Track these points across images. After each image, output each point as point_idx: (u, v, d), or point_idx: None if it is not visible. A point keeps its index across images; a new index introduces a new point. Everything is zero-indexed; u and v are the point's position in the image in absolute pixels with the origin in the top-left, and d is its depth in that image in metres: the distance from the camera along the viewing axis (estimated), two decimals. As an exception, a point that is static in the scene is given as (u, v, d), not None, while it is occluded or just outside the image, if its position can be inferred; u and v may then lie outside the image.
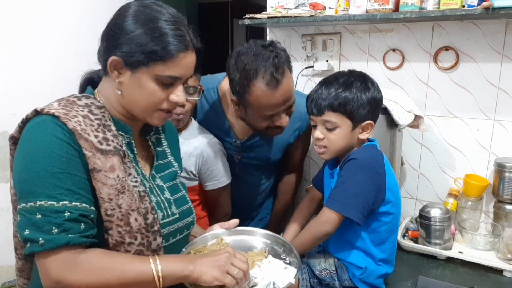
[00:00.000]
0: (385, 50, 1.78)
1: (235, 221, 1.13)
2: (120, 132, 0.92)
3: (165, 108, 0.91)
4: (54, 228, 0.77)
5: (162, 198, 0.99)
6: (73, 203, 0.79)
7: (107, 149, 0.85)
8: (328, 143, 1.19)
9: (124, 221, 0.85)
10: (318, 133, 1.19)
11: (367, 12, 1.61)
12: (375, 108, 1.19)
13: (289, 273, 0.99)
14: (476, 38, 1.60)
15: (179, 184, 1.09)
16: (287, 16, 1.73)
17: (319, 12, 1.73)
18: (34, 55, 1.67)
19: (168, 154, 1.09)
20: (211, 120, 1.53)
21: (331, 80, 1.19)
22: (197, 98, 1.29)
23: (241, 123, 1.49)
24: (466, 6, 1.45)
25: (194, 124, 1.50)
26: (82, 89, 1.01)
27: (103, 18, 2.08)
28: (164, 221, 0.96)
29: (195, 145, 1.44)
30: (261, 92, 1.23)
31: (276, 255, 1.06)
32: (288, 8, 1.79)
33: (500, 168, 1.55)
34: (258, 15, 1.79)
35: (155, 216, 0.91)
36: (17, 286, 1.03)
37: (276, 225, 1.76)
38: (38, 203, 0.77)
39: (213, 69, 1.71)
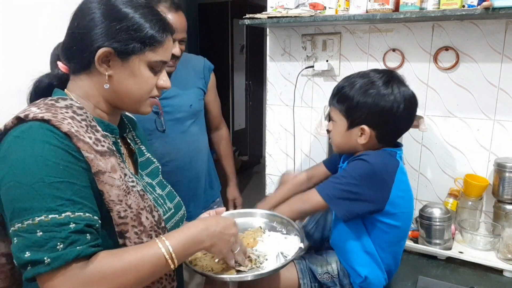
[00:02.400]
0: (385, 50, 1.78)
1: (223, 209, 1.16)
2: (105, 132, 0.88)
3: (155, 95, 0.92)
4: (59, 243, 0.69)
5: (156, 195, 0.98)
6: (76, 213, 0.72)
7: (103, 150, 0.80)
8: (332, 136, 1.22)
9: (138, 221, 0.82)
10: (328, 125, 1.23)
11: (367, 12, 1.61)
12: (375, 114, 1.10)
13: (292, 241, 1.05)
14: (476, 38, 1.60)
15: (163, 179, 1.08)
16: (287, 16, 1.73)
17: (319, 12, 1.73)
18: (34, 55, 1.67)
19: (144, 150, 1.06)
20: None
21: (350, 75, 1.18)
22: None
23: None
24: (466, 6, 1.46)
25: None
26: (38, 97, 0.88)
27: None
28: (165, 216, 0.95)
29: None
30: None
31: (274, 230, 1.13)
32: (288, 8, 1.79)
33: (500, 168, 1.55)
34: (258, 15, 1.79)
35: (159, 213, 0.90)
36: None
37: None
38: (37, 219, 0.69)
39: (214, 69, 1.72)
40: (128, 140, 1.01)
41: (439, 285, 1.33)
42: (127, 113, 1.09)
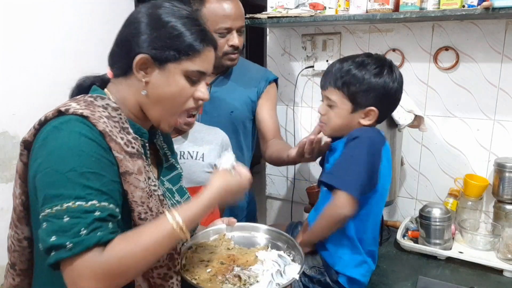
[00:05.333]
0: (385, 50, 1.78)
1: (234, 220, 1.14)
2: (135, 135, 0.89)
3: (190, 108, 0.91)
4: (83, 229, 0.71)
5: (174, 201, 0.99)
6: (102, 203, 0.74)
7: (132, 152, 0.83)
8: (327, 120, 1.18)
9: None
10: (321, 108, 1.20)
11: (367, 12, 1.61)
12: (383, 96, 1.13)
13: (293, 269, 0.99)
14: (476, 38, 1.60)
15: (183, 187, 1.09)
16: (287, 16, 1.73)
17: (319, 12, 1.73)
18: (34, 55, 1.67)
19: (170, 156, 1.08)
20: None
21: (350, 57, 1.16)
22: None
23: None
24: (466, 6, 1.45)
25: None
26: (79, 93, 0.93)
27: (103, 18, 2.09)
28: None
29: (212, 137, 1.40)
30: (215, 2, 1.42)
31: (280, 251, 1.06)
32: (288, 8, 1.79)
33: (500, 168, 1.55)
34: (258, 15, 1.79)
35: None
36: None
37: None
38: (65, 205, 0.71)
39: (273, 80, 1.67)
40: (157, 146, 1.03)
41: (439, 285, 1.33)
42: None
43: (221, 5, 1.43)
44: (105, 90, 0.91)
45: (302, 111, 2.03)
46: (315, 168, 2.03)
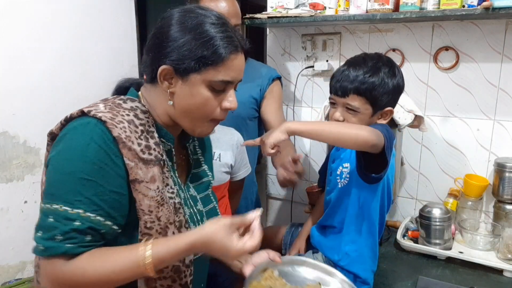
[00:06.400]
0: (385, 50, 1.78)
1: (279, 256, 1.07)
2: (162, 139, 0.89)
3: (217, 118, 0.87)
4: (59, 235, 0.73)
5: (195, 210, 0.96)
6: (87, 213, 0.75)
7: (148, 159, 0.82)
8: None
9: (163, 234, 0.82)
10: (338, 114, 1.18)
11: (367, 12, 1.61)
12: (397, 95, 1.18)
13: None
14: (476, 38, 1.60)
15: (211, 195, 1.05)
16: (287, 16, 1.73)
17: (319, 12, 1.73)
18: (34, 55, 1.67)
19: (202, 162, 1.05)
20: None
21: (359, 62, 1.17)
22: None
23: None
24: (466, 6, 1.45)
25: None
26: (117, 94, 0.95)
27: (102, 20, 2.09)
28: None
29: (229, 137, 1.41)
30: (209, 1, 1.42)
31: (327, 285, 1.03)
32: (288, 8, 1.79)
33: (500, 168, 1.55)
34: (258, 15, 1.79)
35: (189, 229, 0.88)
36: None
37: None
38: (54, 206, 0.75)
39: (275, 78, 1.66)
40: (189, 150, 1.01)
41: (439, 285, 1.33)
42: None
43: (215, 3, 1.44)
44: (139, 93, 0.91)
45: (302, 111, 2.03)
46: (315, 168, 2.03)
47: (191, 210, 0.94)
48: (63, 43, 1.77)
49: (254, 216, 0.83)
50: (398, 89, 1.17)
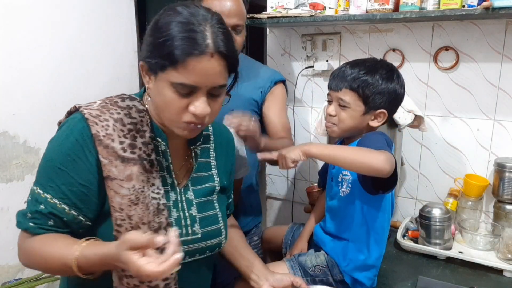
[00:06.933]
0: (385, 50, 1.78)
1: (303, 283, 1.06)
2: (157, 139, 0.89)
3: (189, 121, 0.83)
4: (29, 213, 0.82)
5: (186, 214, 0.93)
6: (54, 199, 0.81)
7: (129, 157, 0.83)
8: (338, 121, 1.20)
9: None
10: (331, 109, 1.21)
11: (367, 12, 1.61)
12: (393, 100, 1.19)
13: None
14: (476, 38, 1.60)
15: (215, 202, 1.00)
16: (287, 16, 1.73)
17: (319, 12, 1.73)
18: (34, 55, 1.67)
19: (213, 167, 1.01)
20: None
21: (358, 62, 1.20)
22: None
23: None
24: (466, 6, 1.45)
25: None
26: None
27: (102, 20, 2.09)
28: (181, 239, 0.88)
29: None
30: None
31: None
32: (288, 8, 1.79)
33: (500, 168, 1.55)
34: (258, 15, 1.79)
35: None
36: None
37: None
38: (34, 188, 0.83)
39: (280, 81, 1.64)
40: (193, 153, 0.98)
41: (439, 285, 1.33)
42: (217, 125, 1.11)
43: (219, 1, 1.40)
44: (146, 92, 0.92)
45: (302, 111, 2.03)
46: (315, 168, 2.03)
47: (181, 213, 0.92)
48: (63, 43, 1.77)
49: (162, 239, 0.69)
50: (395, 94, 1.18)
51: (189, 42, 0.77)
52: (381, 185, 1.08)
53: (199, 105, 0.81)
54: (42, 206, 0.81)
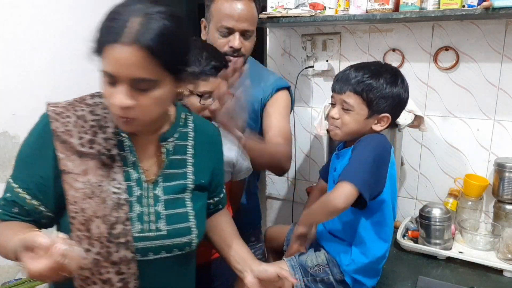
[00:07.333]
0: (385, 50, 1.78)
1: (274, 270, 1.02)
2: (122, 134, 0.90)
3: (118, 115, 0.82)
4: (1, 200, 0.88)
5: (151, 210, 0.91)
6: (19, 189, 0.87)
7: (87, 152, 0.87)
8: (341, 124, 1.19)
9: (85, 226, 0.84)
10: (334, 112, 1.20)
11: (367, 12, 1.61)
12: (397, 105, 1.18)
13: None
14: (476, 38, 1.60)
15: (186, 200, 0.97)
16: (287, 16, 1.73)
17: (319, 12, 1.73)
18: (34, 55, 1.67)
19: (189, 164, 0.99)
20: None
21: (362, 65, 1.19)
22: (210, 103, 1.19)
23: None
24: (466, 6, 1.45)
25: None
26: None
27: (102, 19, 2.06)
28: (142, 234, 0.89)
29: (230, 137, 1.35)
30: (225, 0, 1.36)
31: None
32: (288, 8, 1.79)
33: (500, 168, 1.55)
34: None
35: (128, 227, 0.86)
36: None
37: None
38: (8, 176, 0.90)
39: (283, 87, 1.62)
40: (162, 149, 0.95)
41: (439, 285, 1.33)
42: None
43: (229, 4, 1.37)
44: None
45: (302, 111, 2.03)
46: (315, 168, 2.03)
47: (145, 209, 0.91)
48: (64, 43, 1.77)
49: (47, 241, 0.67)
50: (399, 99, 1.17)
51: (106, 31, 0.79)
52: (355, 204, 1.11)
53: (116, 96, 0.79)
54: (8, 194, 0.87)
